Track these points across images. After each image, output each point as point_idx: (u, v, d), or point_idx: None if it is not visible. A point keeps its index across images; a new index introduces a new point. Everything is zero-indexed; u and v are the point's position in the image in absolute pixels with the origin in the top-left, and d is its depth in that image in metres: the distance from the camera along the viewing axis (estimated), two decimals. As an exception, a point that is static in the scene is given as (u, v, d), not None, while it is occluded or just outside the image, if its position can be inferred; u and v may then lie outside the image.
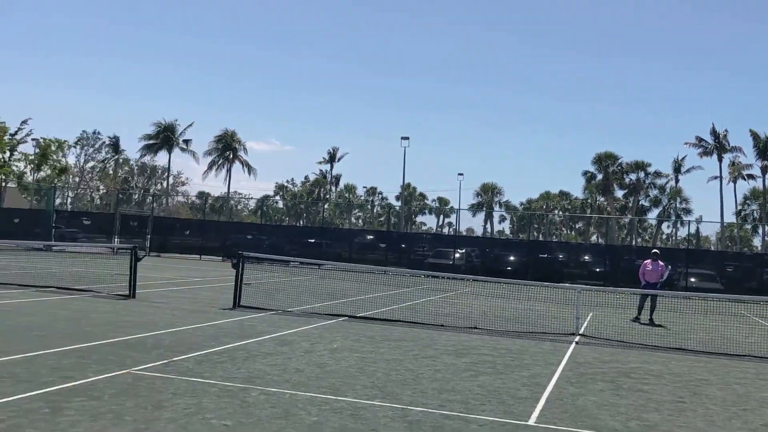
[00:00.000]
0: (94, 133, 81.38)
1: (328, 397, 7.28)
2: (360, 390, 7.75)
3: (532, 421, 6.85)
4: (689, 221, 64.66)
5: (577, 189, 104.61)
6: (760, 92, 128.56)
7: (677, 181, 67.95)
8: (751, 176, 60.89)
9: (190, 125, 68.56)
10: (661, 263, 18.24)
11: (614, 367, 10.42)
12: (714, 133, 60.04)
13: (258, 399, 7.02)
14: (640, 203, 67.83)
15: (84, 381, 7.27)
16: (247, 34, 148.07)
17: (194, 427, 5.87)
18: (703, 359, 11.87)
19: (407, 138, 51.57)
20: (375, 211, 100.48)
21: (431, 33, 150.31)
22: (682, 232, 77.24)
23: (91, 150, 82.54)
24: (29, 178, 52.89)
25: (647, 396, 8.45)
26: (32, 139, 48.60)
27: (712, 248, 69.39)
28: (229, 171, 67.41)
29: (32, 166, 50.72)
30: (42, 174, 54.44)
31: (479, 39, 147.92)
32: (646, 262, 18.43)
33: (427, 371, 9.15)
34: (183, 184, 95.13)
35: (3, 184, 46.11)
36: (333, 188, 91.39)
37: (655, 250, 19.36)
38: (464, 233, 66.73)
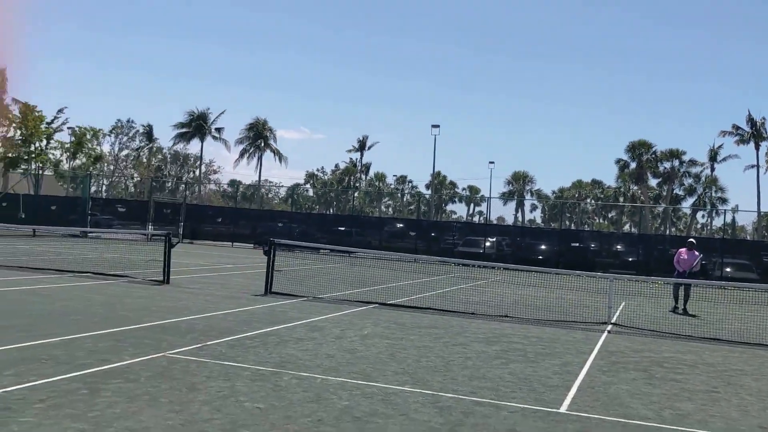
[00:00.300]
0: (128, 121, 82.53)
1: (358, 383, 7.34)
2: (390, 376, 7.79)
3: (563, 409, 6.83)
4: (725, 210, 63.53)
5: (609, 178, 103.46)
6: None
7: (713, 169, 66.77)
8: (789, 165, 59.57)
9: (222, 113, 69.14)
10: (696, 253, 17.99)
11: (647, 357, 10.32)
12: (750, 120, 58.83)
13: (290, 383, 7.10)
14: (675, 192, 66.83)
15: (120, 363, 7.42)
16: (278, 21, 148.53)
17: (228, 410, 5.97)
18: (738, 349, 11.70)
19: (438, 126, 51.39)
20: (405, 199, 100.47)
21: (463, 20, 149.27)
22: (717, 222, 75.98)
23: (125, 138, 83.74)
24: (65, 166, 53.80)
25: (680, 385, 8.37)
26: (68, 128, 49.36)
27: (748, 238, 68.14)
28: (260, 159, 67.98)
29: (68, 154, 51.54)
30: (77, 162, 55.36)
31: (511, 24, 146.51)
32: (681, 250, 18.20)
33: (458, 358, 9.16)
34: (215, 172, 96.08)
35: (40, 172, 46.93)
36: (363, 176, 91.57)
37: (691, 240, 19.09)
38: (495, 222, 66.50)
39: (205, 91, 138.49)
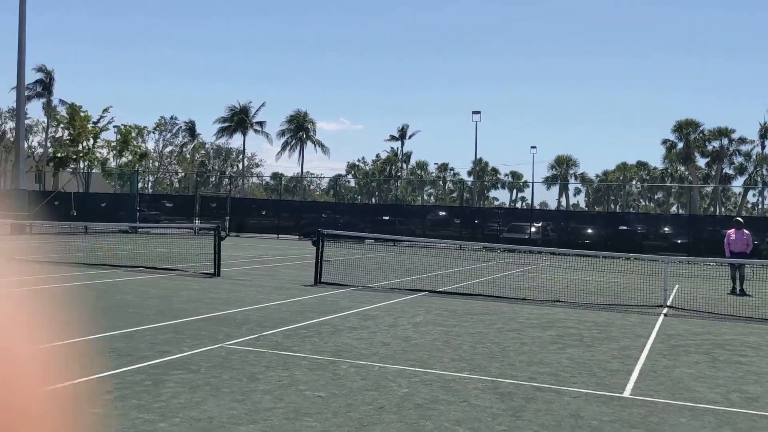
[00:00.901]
0: (171, 118, 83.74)
1: (416, 370, 7.31)
2: (447, 363, 7.74)
3: (627, 393, 6.70)
4: (778, 188, 61.74)
5: (655, 159, 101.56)
6: None
7: (764, 147, 64.86)
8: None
9: (262, 105, 69.36)
10: (746, 231, 17.51)
11: (707, 339, 10.08)
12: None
13: (348, 371, 7.11)
14: (724, 171, 65.15)
15: (181, 355, 7.52)
16: (312, 15, 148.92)
17: (289, 399, 6.00)
18: (803, 330, 11.35)
19: (478, 112, 50.90)
20: (447, 187, 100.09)
21: (498, 5, 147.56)
22: (770, 201, 73.90)
23: (168, 135, 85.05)
24: (112, 163, 54.93)
25: (746, 368, 8.14)
26: (114, 126, 50.36)
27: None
28: (301, 151, 68.36)
29: (114, 152, 52.63)
30: (124, 160, 56.45)
31: (549, 7, 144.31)
32: (729, 231, 17.70)
33: (513, 344, 9.07)
34: (257, 165, 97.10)
35: (89, 170, 48.00)
36: (404, 165, 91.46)
37: (737, 218, 18.54)
38: (538, 207, 65.78)
39: (246, 89, 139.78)
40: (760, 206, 73.57)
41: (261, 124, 67.88)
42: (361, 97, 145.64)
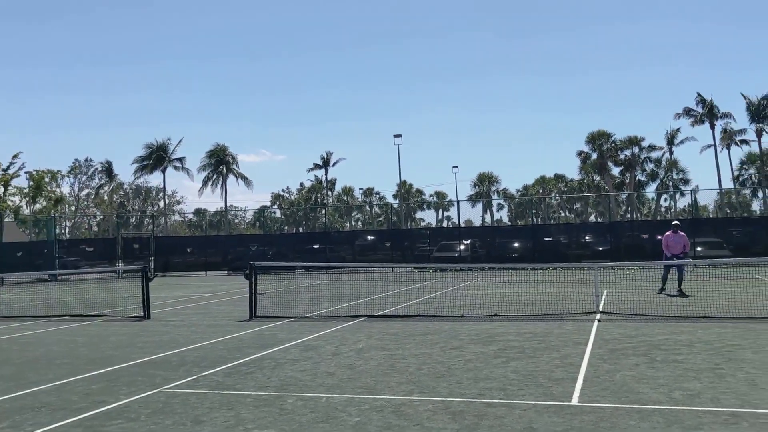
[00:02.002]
0: (86, 160, 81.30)
1: (365, 397, 7.19)
2: (396, 387, 7.65)
3: (575, 401, 6.76)
4: (690, 191, 64.60)
5: (572, 170, 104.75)
6: (748, 55, 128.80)
7: (672, 153, 67.90)
8: (744, 141, 60.95)
9: (180, 141, 68.27)
10: (682, 234, 18.18)
11: (643, 341, 10.34)
12: (702, 101, 60.04)
13: (296, 405, 6.92)
14: (637, 178, 67.79)
15: (118, 404, 7.16)
16: (228, 47, 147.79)
17: (238, 439, 5.78)
18: (729, 325, 11.80)
19: (399, 135, 51.45)
20: (374, 211, 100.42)
21: (414, 29, 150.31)
22: (681, 203, 77.36)
23: (84, 177, 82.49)
24: (25, 211, 52.72)
25: (683, 366, 8.37)
26: (25, 172, 48.51)
27: (710, 216, 69.49)
28: (224, 185, 67.26)
29: (27, 199, 50.58)
30: (38, 206, 54.26)
31: (461, 27, 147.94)
32: (667, 234, 18.25)
33: (458, 362, 9.06)
34: (179, 202, 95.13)
35: (0, 219, 45.93)
36: (330, 193, 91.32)
37: (675, 222, 19.09)
38: (464, 225, 66.74)
39: (163, 122, 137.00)
40: (672, 210, 76.77)
41: (180, 160, 66.55)
42: (281, 127, 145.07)
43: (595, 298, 14.48)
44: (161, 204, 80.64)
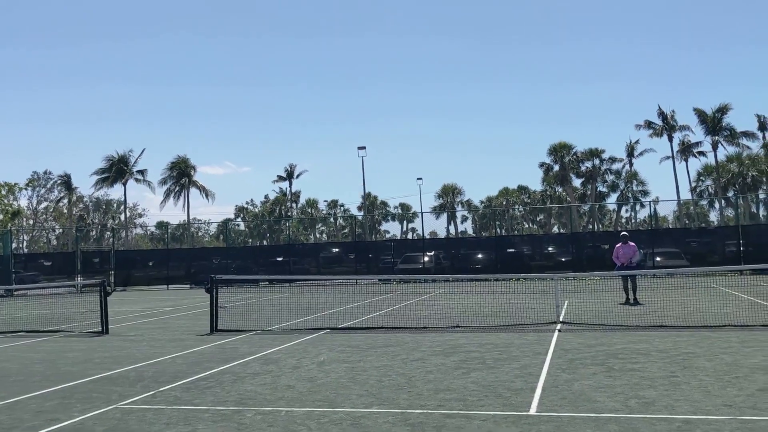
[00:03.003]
0: (45, 173, 79.67)
1: (325, 410, 7.15)
2: (356, 399, 7.63)
3: (533, 411, 6.81)
4: (649, 202, 65.76)
5: (535, 182, 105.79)
6: (701, 67, 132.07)
7: (632, 164, 69.13)
8: (701, 153, 62.35)
9: (142, 152, 67.10)
10: (632, 244, 18.54)
11: (601, 350, 10.47)
12: (662, 114, 61.34)
13: (254, 420, 6.85)
14: (598, 190, 68.86)
15: (71, 421, 7.01)
16: (192, 59, 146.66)
17: (194, 455, 5.69)
18: (685, 333, 12.02)
19: (363, 147, 51.43)
20: (338, 223, 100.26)
21: (378, 40, 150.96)
22: (641, 214, 78.75)
23: (43, 190, 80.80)
24: (-19, 224, 51.46)
25: (639, 374, 8.50)
26: (-20, 185, 47.35)
27: (670, 227, 70.79)
28: (186, 198, 66.49)
29: (-17, 212, 49.40)
30: (-6, 219, 52.95)
31: (424, 40, 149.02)
32: (617, 246, 18.65)
33: (419, 373, 9.07)
34: (140, 215, 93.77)
35: (-46, 233, 44.72)
36: (294, 205, 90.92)
37: (624, 233, 19.57)
38: (428, 237, 66.97)
39: (123, 133, 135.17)
40: (633, 220, 78.08)
41: (142, 172, 65.69)
42: (245, 139, 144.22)
43: (556, 308, 14.64)
44: (122, 217, 79.47)
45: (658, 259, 33.41)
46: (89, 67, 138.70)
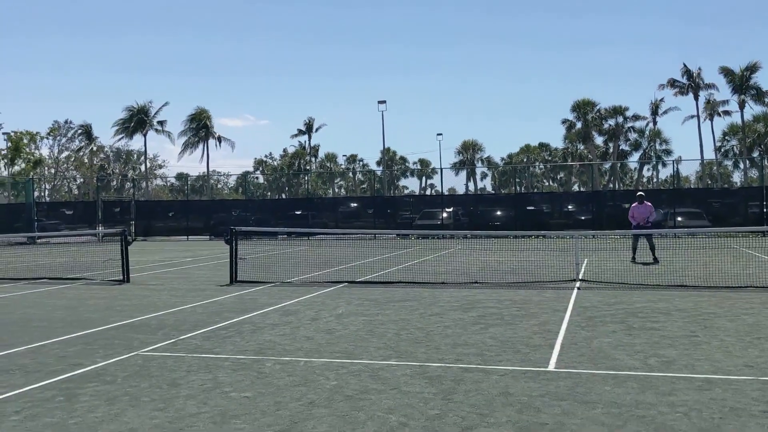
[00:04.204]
0: (66, 122, 79.96)
1: (343, 361, 7.19)
2: (374, 351, 7.66)
3: (551, 367, 6.80)
4: (672, 161, 64.94)
5: (557, 139, 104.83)
6: (729, 28, 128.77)
7: (655, 123, 68.11)
8: (727, 112, 61.17)
9: (165, 105, 67.12)
10: (648, 204, 18.39)
11: (621, 309, 10.42)
12: (687, 72, 60.09)
13: (273, 369, 6.91)
14: (621, 148, 68.02)
15: (94, 366, 7.12)
16: (214, 11, 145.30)
17: (214, 402, 5.76)
18: (706, 293, 11.92)
19: (384, 102, 51.06)
20: (357, 178, 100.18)
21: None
22: (663, 174, 77.87)
23: (64, 140, 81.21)
24: (4, 173, 52.00)
25: (660, 333, 8.45)
26: (3, 134, 47.68)
27: (692, 186, 70.00)
28: (205, 150, 66.55)
29: (5, 160, 49.86)
30: (16, 168, 53.51)
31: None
32: (633, 205, 18.58)
33: (437, 328, 9.08)
34: (160, 167, 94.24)
35: (-22, 181, 45.32)
36: (313, 159, 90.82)
37: (640, 193, 19.43)
38: (447, 193, 66.80)
39: (143, 85, 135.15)
40: (655, 180, 77.25)
41: (162, 123, 65.71)
42: (265, 92, 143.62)
43: (576, 266, 14.56)
44: (142, 168, 79.87)
45: (679, 219, 33.08)
46: (112, 17, 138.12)
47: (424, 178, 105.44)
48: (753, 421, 5.03)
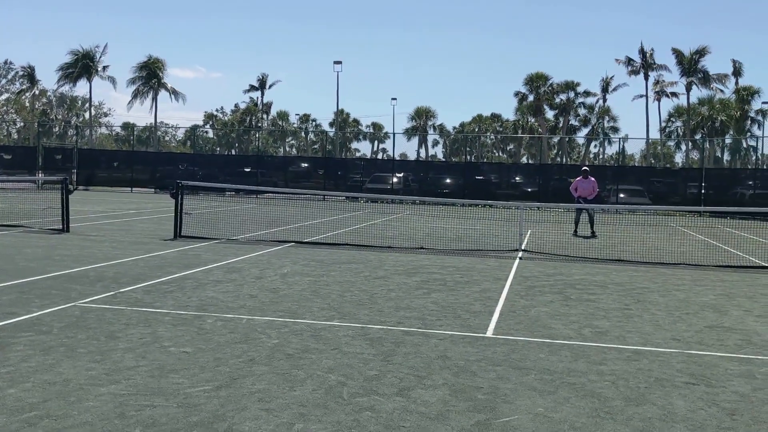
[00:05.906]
0: (5, 62, 76.82)
1: (286, 320, 7.22)
2: (317, 312, 7.71)
3: (489, 333, 6.97)
4: (619, 139, 66.24)
5: (509, 111, 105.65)
6: (682, 10, 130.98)
7: (605, 100, 69.17)
8: (674, 94, 62.48)
9: (105, 47, 64.85)
10: (592, 179, 18.78)
11: (560, 280, 10.69)
12: (642, 52, 61.05)
13: (215, 325, 6.89)
14: (570, 123, 68.95)
15: (29, 316, 6.98)
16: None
17: (153, 356, 5.73)
18: (642, 269, 12.31)
19: (340, 62, 50.61)
20: (309, 138, 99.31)
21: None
22: (609, 151, 79.38)
23: (4, 81, 78.10)
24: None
25: (595, 305, 8.71)
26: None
27: (636, 165, 71.57)
28: (154, 100, 64.90)
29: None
30: (-47, 108, 51.23)
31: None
32: (578, 179, 18.93)
33: (381, 291, 9.17)
34: (105, 115, 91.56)
35: None
36: (265, 116, 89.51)
37: (585, 168, 19.88)
38: (398, 158, 66.87)
39: (91, 25, 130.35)
40: (601, 156, 78.74)
41: (105, 68, 63.57)
42: (218, 43, 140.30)
43: (519, 236, 14.83)
44: (87, 115, 77.45)
45: (621, 195, 33.90)
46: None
47: (376, 142, 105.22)
48: (676, 391, 5.27)
